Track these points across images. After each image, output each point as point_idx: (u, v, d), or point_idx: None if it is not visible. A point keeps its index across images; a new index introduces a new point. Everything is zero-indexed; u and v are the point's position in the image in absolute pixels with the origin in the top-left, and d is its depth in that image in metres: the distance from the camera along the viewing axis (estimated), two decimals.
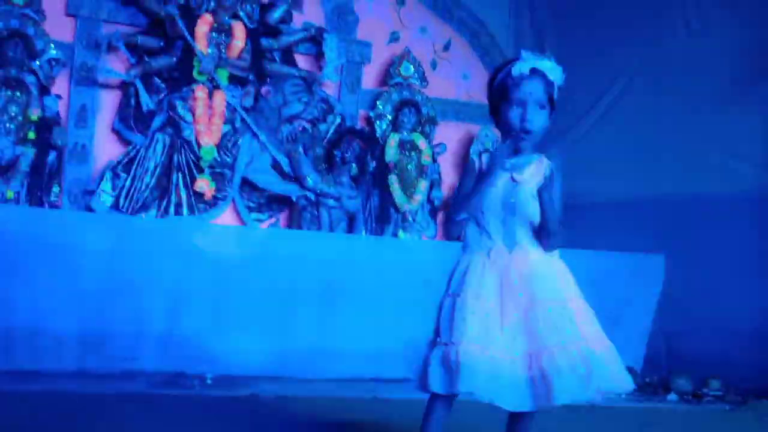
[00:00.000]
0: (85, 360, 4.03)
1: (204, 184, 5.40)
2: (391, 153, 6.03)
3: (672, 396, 4.54)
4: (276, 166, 5.70)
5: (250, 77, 5.69)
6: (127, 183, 5.29)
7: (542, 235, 2.18)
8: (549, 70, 2.16)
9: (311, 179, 5.70)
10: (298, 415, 3.25)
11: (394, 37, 6.30)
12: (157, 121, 5.41)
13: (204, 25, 5.51)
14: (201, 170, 5.43)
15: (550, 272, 2.18)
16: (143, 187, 5.31)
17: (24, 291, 3.98)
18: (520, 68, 2.14)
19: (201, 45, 5.48)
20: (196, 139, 5.44)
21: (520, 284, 2.14)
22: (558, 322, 2.12)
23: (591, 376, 2.07)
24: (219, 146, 5.50)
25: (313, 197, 5.71)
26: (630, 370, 4.88)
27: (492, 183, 2.15)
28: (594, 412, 3.92)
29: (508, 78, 2.16)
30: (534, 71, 2.15)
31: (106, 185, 5.29)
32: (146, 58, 5.44)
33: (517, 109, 2.15)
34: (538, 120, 2.16)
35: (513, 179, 2.20)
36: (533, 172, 2.22)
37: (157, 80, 5.48)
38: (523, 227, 2.19)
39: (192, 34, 5.46)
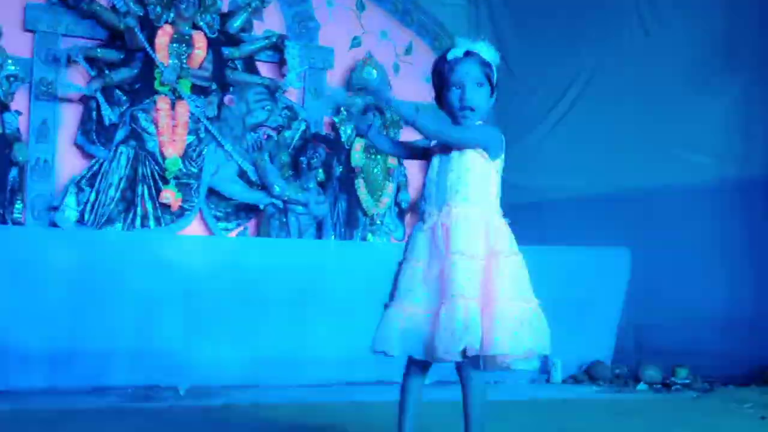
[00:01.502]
0: (55, 377, 3.99)
1: (170, 195, 5.38)
2: (357, 157, 6.05)
3: (642, 386, 4.62)
4: (242, 174, 5.69)
5: (213, 87, 5.68)
6: (92, 197, 5.25)
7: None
8: (483, 51, 2.25)
9: (278, 186, 5.70)
10: (273, 422, 3.25)
11: (355, 43, 6.32)
12: (120, 134, 5.37)
13: (164, 35, 5.49)
14: (166, 181, 5.40)
15: (467, 226, 2.20)
16: (108, 201, 5.27)
17: None
18: (454, 53, 2.24)
19: (162, 56, 5.46)
20: (160, 151, 5.41)
21: (442, 239, 2.20)
22: (456, 275, 2.14)
23: (464, 333, 2.08)
24: (184, 157, 5.48)
25: (280, 204, 5.71)
26: (599, 363, 4.99)
27: None
28: (566, 404, 3.98)
29: (444, 63, 2.25)
30: (468, 53, 2.24)
31: (71, 200, 5.23)
32: (107, 71, 5.41)
33: (456, 91, 2.24)
34: (478, 97, 2.24)
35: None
36: None
37: (118, 93, 5.45)
38: (453, 189, 2.24)
39: (152, 45, 5.43)
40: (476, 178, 2.23)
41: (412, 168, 6.36)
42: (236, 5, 5.89)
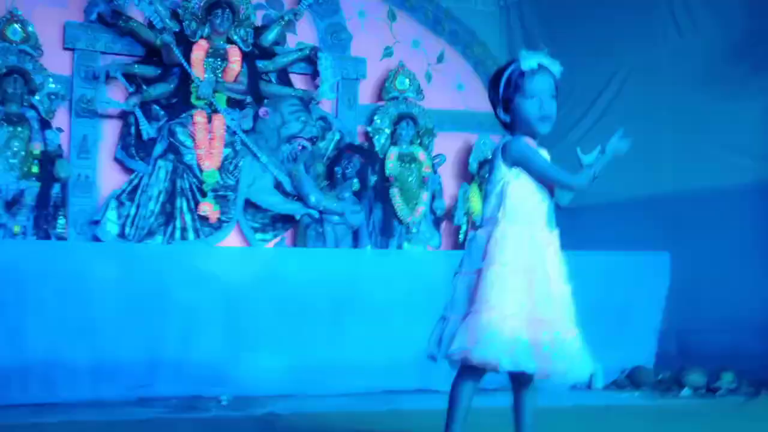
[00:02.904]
0: (100, 389, 4.04)
1: (208, 208, 5.45)
2: (391, 166, 6.07)
3: (686, 391, 4.54)
4: (278, 185, 5.75)
5: (248, 100, 5.75)
6: (132, 211, 5.34)
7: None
8: (552, 65, 2.33)
9: (314, 197, 5.74)
10: (316, 430, 3.26)
11: (387, 52, 6.36)
12: (158, 148, 5.46)
13: (200, 51, 5.57)
14: (204, 194, 5.48)
15: (475, 245, 2.30)
16: (148, 214, 5.36)
17: (36, 324, 4.00)
18: (529, 64, 2.30)
19: (198, 71, 5.54)
20: (198, 164, 5.49)
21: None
22: (456, 293, 2.27)
23: (443, 343, 2.22)
24: (221, 169, 5.55)
25: (316, 214, 5.75)
26: (641, 368, 4.92)
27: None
28: (609, 411, 3.94)
29: (520, 73, 2.30)
30: (541, 66, 2.31)
31: (111, 214, 5.33)
32: (144, 87, 5.51)
33: (534, 100, 2.29)
34: (553, 108, 2.33)
35: None
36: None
37: (156, 108, 5.54)
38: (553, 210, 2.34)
39: (188, 60, 5.52)
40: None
41: (447, 176, 6.37)
42: (269, 19, 5.97)
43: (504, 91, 2.32)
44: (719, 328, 4.70)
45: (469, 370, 2.22)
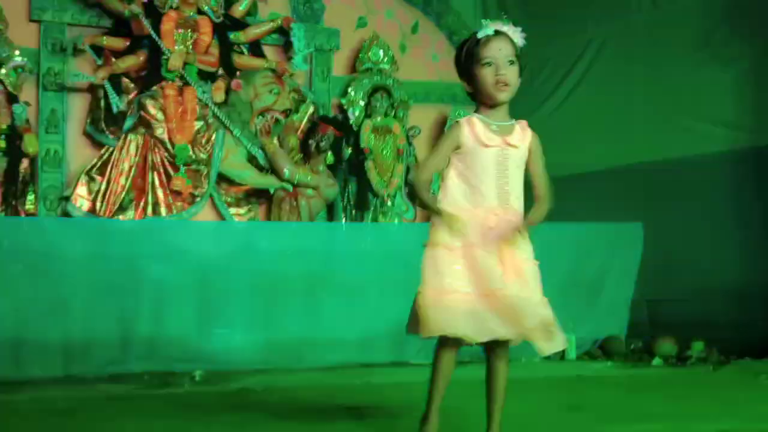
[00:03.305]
0: (72, 366, 4.03)
1: (180, 183, 5.39)
2: (366, 139, 6.03)
3: (656, 361, 4.60)
4: (251, 159, 5.69)
5: (219, 72, 5.66)
6: (103, 186, 5.27)
7: (537, 201, 2.31)
8: (511, 32, 2.30)
9: (288, 170, 5.70)
10: (290, 404, 3.27)
11: (361, 23, 6.29)
12: (128, 122, 5.38)
13: (169, 21, 5.47)
14: (176, 168, 5.41)
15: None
16: (119, 189, 5.29)
17: (5, 301, 3.96)
18: (485, 31, 2.29)
19: (167, 42, 5.45)
20: (169, 138, 5.41)
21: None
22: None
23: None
24: (193, 143, 5.48)
25: (290, 188, 5.71)
26: (614, 338, 4.98)
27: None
28: (581, 380, 3.99)
29: (476, 42, 2.29)
30: (498, 32, 2.29)
31: (82, 190, 5.26)
32: (113, 59, 5.41)
33: (489, 67, 2.27)
34: (511, 74, 2.28)
35: (506, 143, 2.29)
36: (520, 136, 2.32)
37: (125, 80, 5.45)
38: (515, 189, 2.29)
39: (158, 32, 5.42)
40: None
41: (422, 148, 6.34)
42: None
43: (464, 62, 2.32)
44: (691, 297, 4.75)
45: (443, 341, 2.24)
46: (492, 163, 2.27)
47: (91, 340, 4.02)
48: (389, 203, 6.03)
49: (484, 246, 2.21)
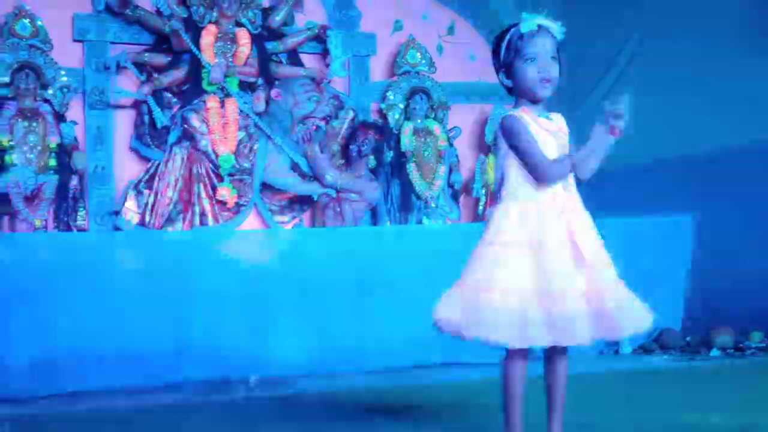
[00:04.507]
0: (129, 377, 4.08)
1: (226, 192, 5.45)
2: (407, 142, 6.03)
3: (714, 352, 4.51)
4: (294, 167, 5.74)
5: (259, 82, 5.72)
6: (150, 199, 5.36)
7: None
8: (553, 26, 2.28)
9: (330, 176, 5.73)
10: (343, 408, 3.28)
11: (397, 27, 6.29)
12: (172, 136, 5.46)
13: (209, 35, 5.55)
14: (221, 179, 5.48)
15: (487, 222, 2.32)
16: (167, 202, 5.37)
17: (63, 315, 4.03)
18: (528, 26, 2.25)
19: (208, 56, 5.52)
20: (213, 149, 5.49)
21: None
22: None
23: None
24: (236, 153, 5.55)
25: (334, 194, 5.74)
26: (669, 330, 4.88)
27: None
28: (638, 375, 3.93)
29: (519, 37, 2.26)
30: (540, 27, 2.26)
31: (131, 204, 5.35)
32: (155, 75, 5.49)
33: (533, 63, 2.24)
34: (554, 71, 2.27)
35: (560, 129, 2.34)
36: (562, 123, 2.37)
37: (168, 95, 5.53)
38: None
39: (198, 46, 5.50)
40: None
41: (463, 149, 6.32)
42: (277, 0, 5.92)
43: (505, 55, 2.28)
44: (747, 288, 4.64)
45: (513, 352, 2.17)
46: (554, 149, 2.26)
47: (147, 350, 4.07)
48: (432, 204, 6.02)
49: (557, 238, 2.17)
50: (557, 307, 2.11)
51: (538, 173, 2.21)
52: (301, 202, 5.82)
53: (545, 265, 2.15)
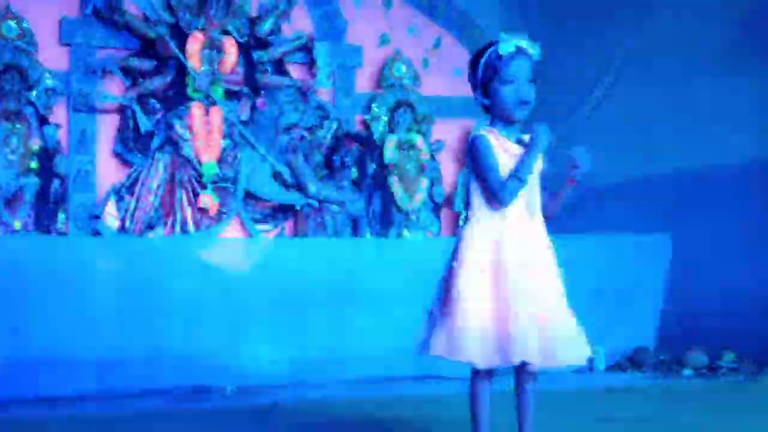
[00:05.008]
0: (104, 382, 4.07)
1: (208, 200, 5.45)
2: (390, 154, 6.06)
3: (687, 371, 4.56)
4: (277, 176, 5.75)
5: (245, 90, 5.74)
6: (132, 204, 5.34)
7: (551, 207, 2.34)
8: (531, 48, 2.30)
9: (313, 186, 5.74)
10: (320, 418, 3.29)
11: (384, 40, 6.33)
12: (156, 141, 5.46)
13: (195, 42, 5.55)
14: (204, 186, 5.48)
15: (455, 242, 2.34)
16: (148, 207, 5.36)
17: (38, 319, 4.02)
18: (506, 48, 2.27)
19: (194, 63, 5.53)
20: (197, 156, 5.49)
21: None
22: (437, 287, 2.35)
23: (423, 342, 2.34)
24: (220, 161, 5.55)
25: (316, 204, 5.76)
26: (643, 349, 4.93)
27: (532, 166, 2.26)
28: (611, 393, 3.96)
29: (497, 57, 2.28)
30: (519, 49, 2.28)
31: (111, 208, 5.33)
32: (141, 80, 5.49)
33: (511, 86, 2.26)
34: (531, 93, 2.28)
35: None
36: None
37: (153, 101, 5.53)
38: (538, 199, 2.33)
39: (183, 52, 5.51)
40: None
41: (446, 163, 6.36)
42: (264, 9, 5.94)
43: (482, 74, 2.30)
44: (721, 308, 4.70)
45: (475, 371, 2.23)
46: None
47: (123, 356, 4.07)
48: (413, 218, 6.05)
49: (518, 260, 2.20)
50: (511, 328, 2.15)
51: (491, 194, 2.24)
52: (284, 211, 5.83)
53: (504, 285, 2.18)
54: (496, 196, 2.23)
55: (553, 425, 2.34)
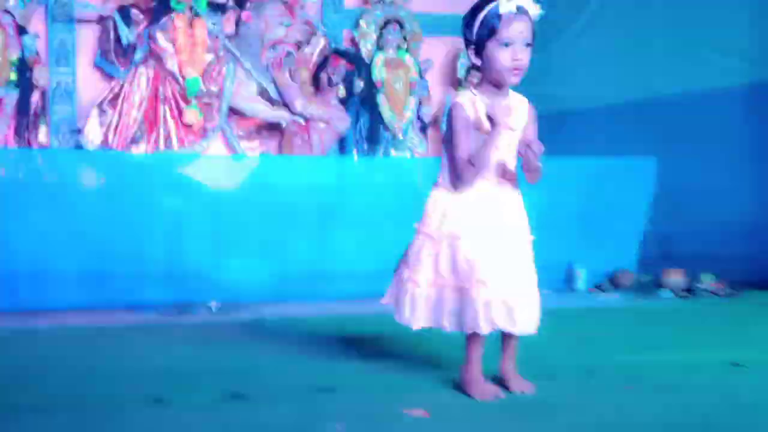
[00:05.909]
0: (89, 296, 4.09)
1: (192, 116, 5.37)
2: (378, 72, 5.97)
3: (665, 293, 4.63)
4: (263, 92, 5.66)
5: (230, 3, 5.58)
6: (114, 119, 5.26)
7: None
8: (532, 8, 2.20)
9: (299, 104, 5.66)
10: (303, 334, 3.32)
11: None
12: (138, 54, 5.33)
13: None
14: (187, 101, 5.39)
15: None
16: (131, 122, 5.28)
17: (22, 232, 4.01)
18: (508, 7, 2.16)
19: None
20: (180, 70, 5.37)
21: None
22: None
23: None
24: (203, 76, 5.44)
25: (302, 122, 5.69)
26: (623, 271, 4.99)
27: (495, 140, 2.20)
28: (590, 312, 4.03)
29: (496, 16, 2.16)
30: (519, 9, 2.17)
31: (93, 122, 5.25)
32: None
33: (506, 48, 2.17)
34: (527, 58, 2.19)
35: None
36: (520, 115, 2.29)
37: (134, 12, 5.38)
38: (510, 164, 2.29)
39: None
40: None
41: (434, 82, 6.28)
42: None
43: (478, 32, 2.18)
44: (702, 230, 4.75)
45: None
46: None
47: (108, 270, 4.07)
48: (401, 137, 6.00)
49: (482, 228, 2.19)
50: (470, 295, 2.17)
51: (456, 168, 2.21)
52: (269, 128, 5.76)
53: (464, 255, 2.18)
54: (456, 177, 2.23)
55: (535, 344, 2.38)
